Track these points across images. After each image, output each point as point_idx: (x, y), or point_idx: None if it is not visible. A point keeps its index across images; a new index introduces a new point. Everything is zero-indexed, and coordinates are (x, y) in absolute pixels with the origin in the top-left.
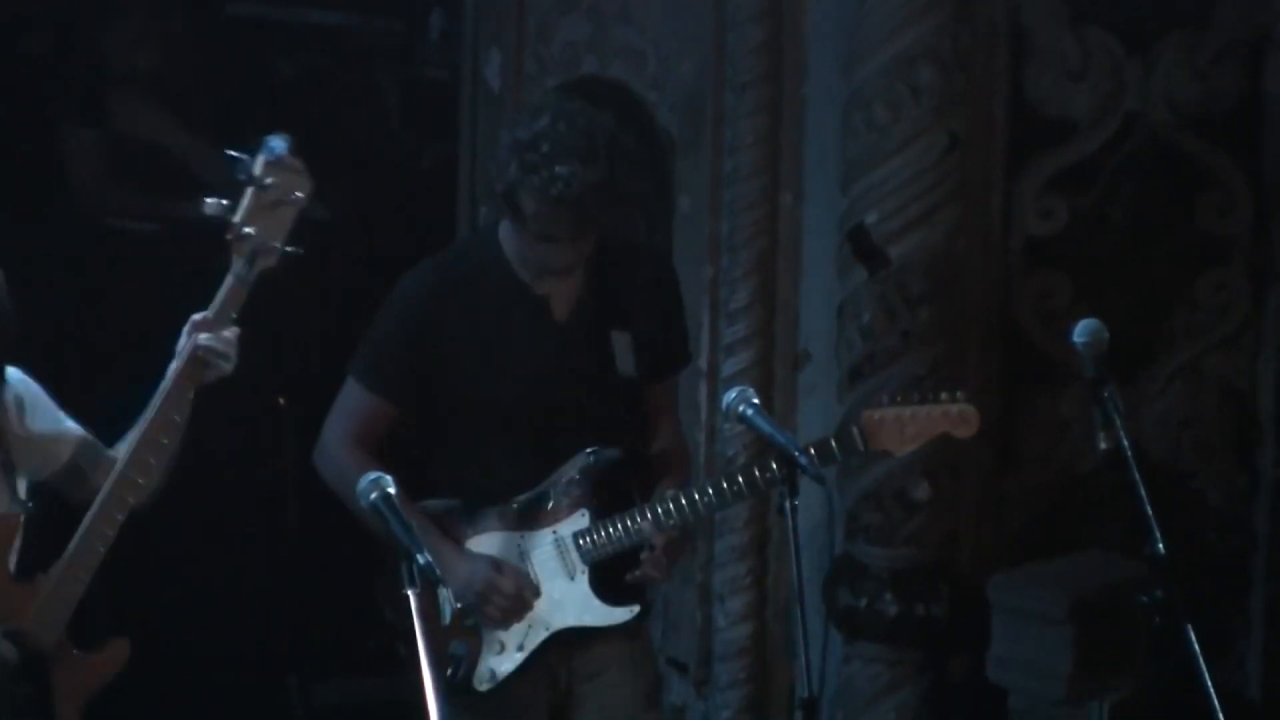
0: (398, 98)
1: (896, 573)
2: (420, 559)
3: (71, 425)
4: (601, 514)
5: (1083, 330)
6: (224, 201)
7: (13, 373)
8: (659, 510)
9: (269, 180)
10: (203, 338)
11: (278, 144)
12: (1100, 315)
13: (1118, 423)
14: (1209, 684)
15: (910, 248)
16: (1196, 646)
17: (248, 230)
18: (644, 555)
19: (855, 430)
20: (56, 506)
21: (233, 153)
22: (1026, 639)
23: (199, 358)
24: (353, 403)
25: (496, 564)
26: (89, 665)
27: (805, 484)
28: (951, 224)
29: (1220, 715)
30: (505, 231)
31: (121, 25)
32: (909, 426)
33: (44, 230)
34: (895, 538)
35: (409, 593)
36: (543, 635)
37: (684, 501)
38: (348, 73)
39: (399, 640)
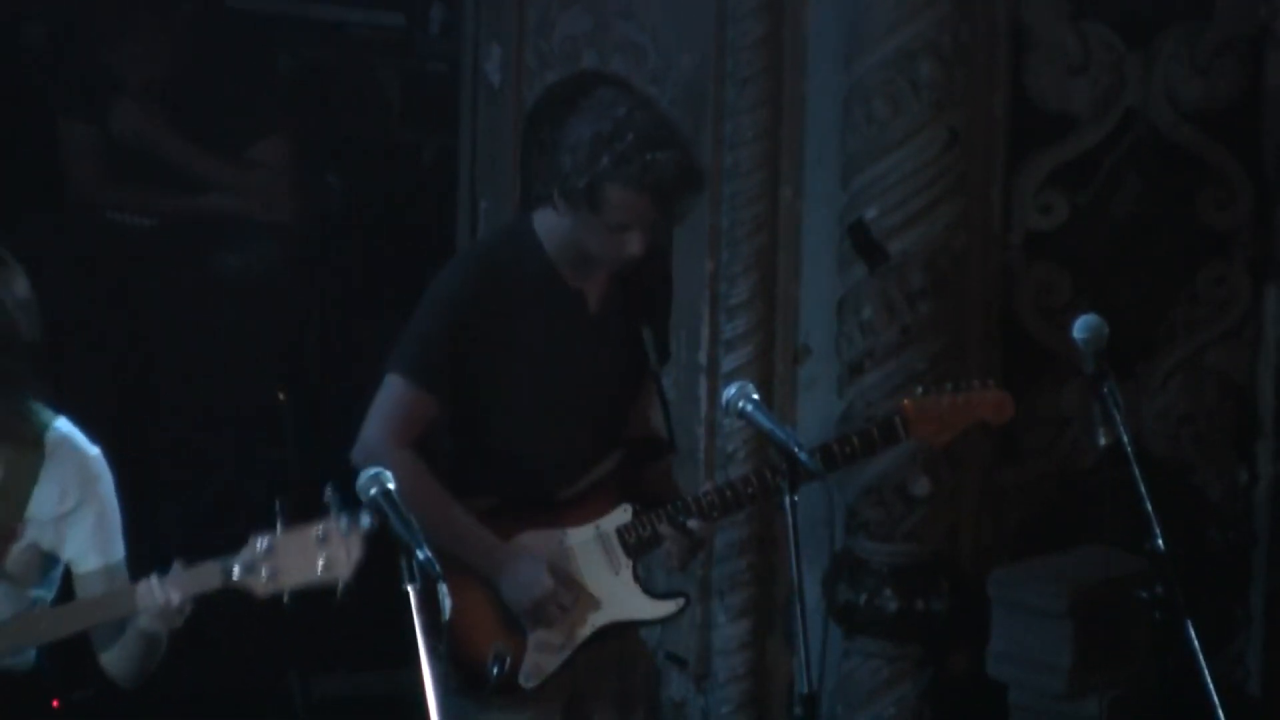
0: (398, 92)
1: (896, 568)
2: (420, 554)
3: (118, 557)
4: (643, 507)
5: (1083, 325)
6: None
7: (74, 435)
8: (704, 502)
9: (323, 557)
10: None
11: (365, 520)
12: (1100, 310)
13: (1118, 418)
14: (1209, 679)
15: (910, 243)
16: (1196, 641)
17: (266, 575)
18: (667, 545)
19: (897, 420)
20: None
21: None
22: (1026, 634)
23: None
24: (397, 399)
25: (553, 570)
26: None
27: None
28: (952, 219)
29: (1220, 710)
30: (546, 225)
31: (130, 41)
32: (947, 414)
33: (42, 224)
34: (895, 533)
35: (408, 588)
36: (588, 631)
37: (728, 492)
38: (348, 67)
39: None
